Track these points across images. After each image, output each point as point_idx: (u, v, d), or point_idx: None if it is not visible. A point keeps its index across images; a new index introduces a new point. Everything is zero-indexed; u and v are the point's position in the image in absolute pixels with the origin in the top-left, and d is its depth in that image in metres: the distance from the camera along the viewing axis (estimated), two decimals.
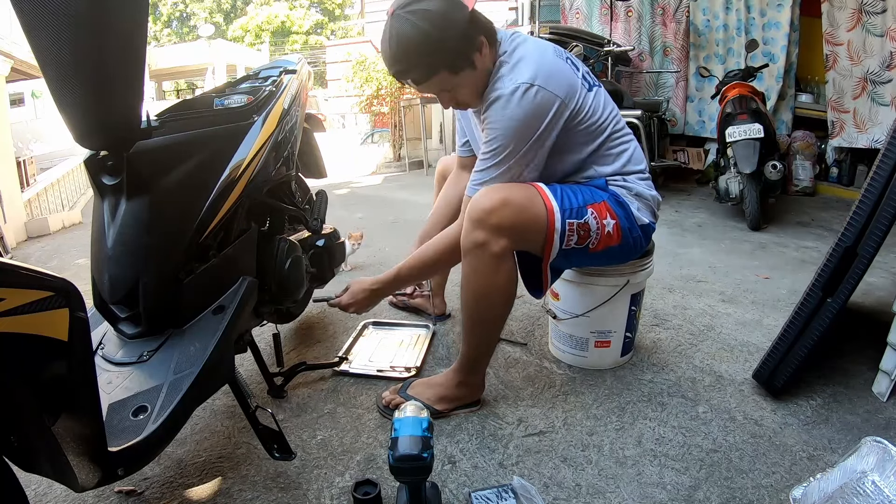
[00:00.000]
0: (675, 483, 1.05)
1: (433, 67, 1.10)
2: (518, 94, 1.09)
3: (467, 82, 1.14)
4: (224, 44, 16.92)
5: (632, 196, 1.24)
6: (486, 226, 1.10)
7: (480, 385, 1.31)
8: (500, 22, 9.40)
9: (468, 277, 1.17)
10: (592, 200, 1.19)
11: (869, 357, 1.44)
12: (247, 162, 1.18)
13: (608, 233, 1.19)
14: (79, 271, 2.52)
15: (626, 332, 1.46)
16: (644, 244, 1.30)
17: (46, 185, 4.53)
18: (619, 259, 1.31)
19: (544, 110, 1.11)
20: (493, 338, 1.26)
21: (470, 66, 1.11)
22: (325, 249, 1.66)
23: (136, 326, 1.04)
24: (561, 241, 1.15)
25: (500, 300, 1.18)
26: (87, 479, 0.75)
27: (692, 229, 3.05)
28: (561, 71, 1.15)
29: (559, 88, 1.12)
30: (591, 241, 1.18)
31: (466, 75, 1.12)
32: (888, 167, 1.15)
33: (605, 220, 1.18)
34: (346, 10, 30.09)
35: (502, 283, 1.16)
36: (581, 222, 1.16)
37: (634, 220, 1.23)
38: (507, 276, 1.16)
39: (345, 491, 1.04)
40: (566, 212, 1.15)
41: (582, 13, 4.75)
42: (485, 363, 1.29)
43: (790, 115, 4.10)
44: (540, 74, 1.11)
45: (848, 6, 3.53)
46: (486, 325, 1.22)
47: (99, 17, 0.82)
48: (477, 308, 1.20)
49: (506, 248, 1.12)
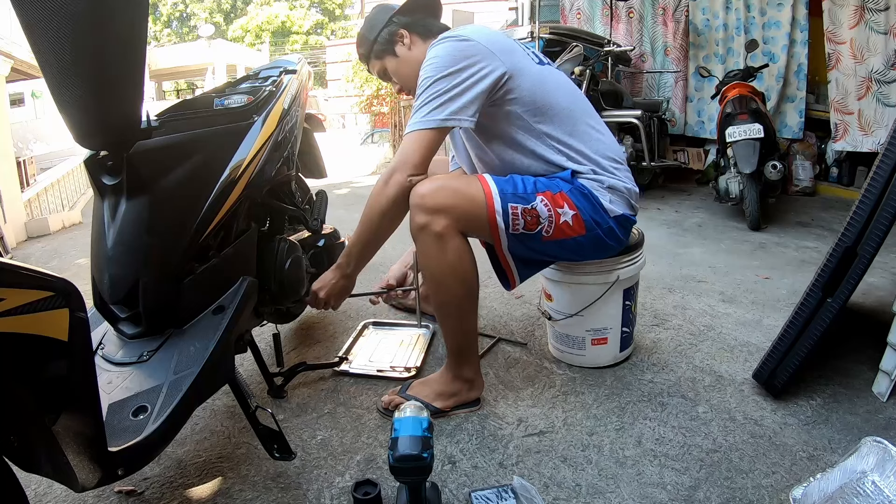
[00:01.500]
0: (675, 483, 1.05)
1: (366, 56, 1.41)
2: (448, 42, 1.20)
3: (395, 68, 1.37)
4: (224, 44, 16.93)
5: (604, 189, 1.24)
6: (425, 208, 1.15)
7: (476, 380, 1.30)
8: (499, 22, 9.43)
9: (423, 264, 1.22)
10: (546, 189, 1.21)
11: (869, 357, 1.44)
12: (247, 162, 1.18)
13: (565, 222, 1.20)
14: (79, 271, 2.52)
15: (623, 328, 1.46)
16: (622, 236, 1.29)
17: (46, 185, 4.53)
18: (595, 252, 1.30)
19: (470, 51, 1.17)
20: (467, 324, 1.25)
21: (391, 54, 1.36)
22: (325, 249, 1.66)
23: (136, 326, 1.04)
24: (506, 225, 1.18)
25: (454, 280, 1.19)
26: (87, 479, 0.75)
27: (692, 229, 3.05)
28: (499, 38, 1.23)
29: (491, 44, 1.19)
30: (542, 228, 1.20)
31: (391, 62, 1.37)
32: (888, 167, 1.15)
33: (559, 209, 1.20)
34: (346, 10, 30.09)
35: (452, 261, 1.17)
36: (527, 207, 1.18)
37: (605, 212, 1.23)
38: (456, 254, 1.17)
39: (345, 491, 1.04)
40: (508, 195, 1.18)
41: (584, 14, 4.75)
42: (471, 354, 1.28)
43: (800, 119, 3.96)
44: (472, 32, 1.21)
45: (850, 3, 3.49)
46: (451, 309, 1.23)
47: (99, 17, 0.82)
48: (437, 293, 1.23)
49: (447, 226, 1.15)
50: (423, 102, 1.17)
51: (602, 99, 3.65)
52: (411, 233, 1.19)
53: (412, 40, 1.34)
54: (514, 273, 1.28)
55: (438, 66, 1.17)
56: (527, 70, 1.22)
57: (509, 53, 1.21)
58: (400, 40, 1.35)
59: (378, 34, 1.36)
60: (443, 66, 1.16)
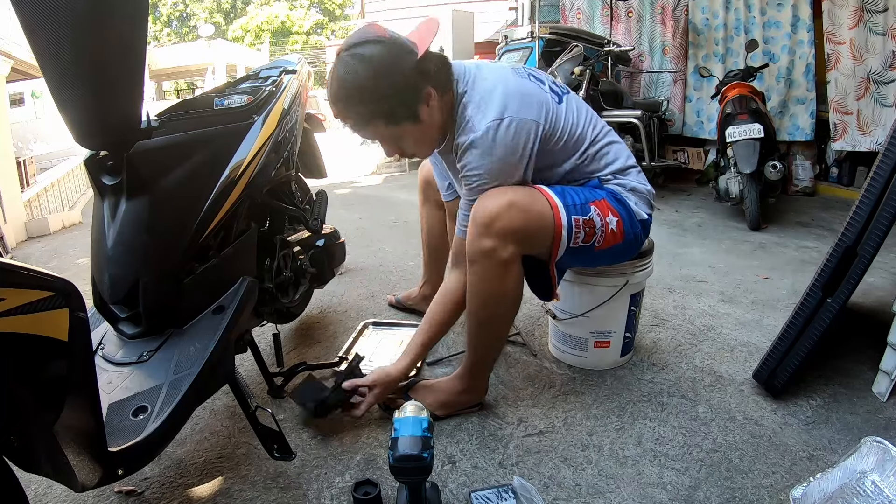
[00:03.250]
0: (675, 483, 1.05)
1: (366, 117, 1.07)
2: (492, 133, 1.06)
3: (410, 134, 1.11)
4: (224, 44, 16.91)
5: (627, 192, 1.24)
6: (493, 231, 1.06)
7: (483, 389, 1.30)
8: (499, 22, 9.41)
9: (475, 286, 1.13)
10: (594, 198, 1.18)
11: (869, 357, 1.44)
12: (247, 162, 1.18)
13: (612, 230, 1.18)
14: (79, 271, 2.52)
15: (626, 333, 1.46)
16: (643, 239, 1.30)
17: (46, 185, 4.52)
18: (621, 257, 1.31)
19: (521, 140, 1.08)
20: (500, 343, 1.26)
21: (411, 119, 1.07)
22: (325, 249, 1.66)
23: (136, 326, 1.05)
24: (569, 239, 1.12)
25: (508, 305, 1.17)
26: (87, 479, 0.75)
27: (692, 229, 3.05)
28: (529, 93, 1.12)
29: (532, 112, 1.10)
30: (596, 239, 1.16)
31: (408, 128, 1.09)
32: (888, 167, 1.15)
33: (608, 218, 1.17)
34: (346, 10, 30.07)
35: (510, 289, 1.13)
36: (586, 219, 1.13)
37: (634, 216, 1.23)
38: (515, 281, 1.13)
39: (345, 491, 1.04)
40: (570, 208, 1.12)
41: (584, 14, 4.75)
42: (489, 368, 1.28)
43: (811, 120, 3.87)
44: (510, 105, 1.07)
45: (849, 4, 3.50)
46: (492, 330, 1.21)
47: (99, 17, 0.82)
48: (484, 314, 1.17)
49: (514, 253, 1.09)
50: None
51: (602, 99, 3.65)
52: (468, 253, 1.10)
53: (435, 98, 1.09)
54: (557, 283, 1.21)
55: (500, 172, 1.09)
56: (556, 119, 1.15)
57: (546, 112, 1.13)
58: (427, 101, 1.08)
59: (398, 91, 1.04)
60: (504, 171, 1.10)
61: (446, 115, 1.13)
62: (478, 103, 1.09)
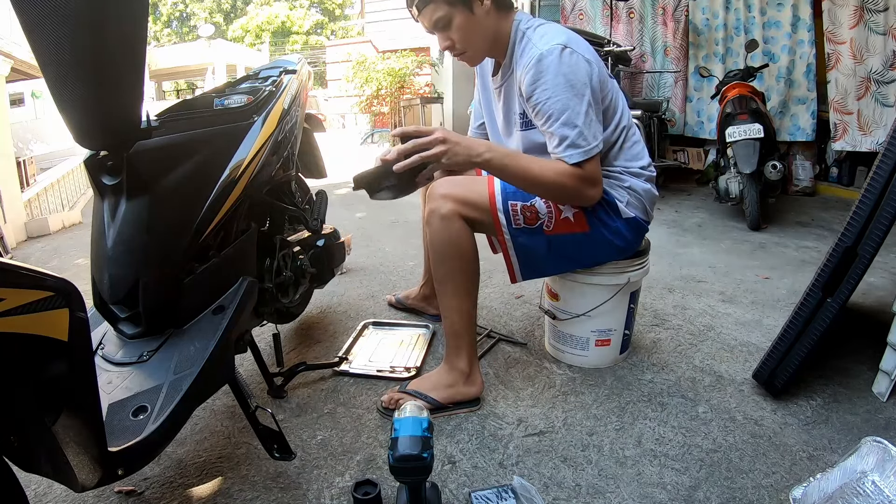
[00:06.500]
0: (675, 483, 1.05)
1: None
2: (557, 52, 1.15)
3: (463, 24, 1.20)
4: (224, 44, 16.90)
5: (622, 188, 1.29)
6: (436, 196, 1.25)
7: (473, 375, 1.30)
8: None
9: (431, 244, 1.27)
10: None
11: (869, 357, 1.44)
12: (247, 162, 1.18)
13: (565, 217, 1.27)
14: (79, 271, 2.52)
15: (625, 330, 1.47)
16: (633, 238, 1.32)
17: (46, 185, 4.52)
18: (601, 251, 1.32)
19: (583, 70, 1.17)
20: (465, 304, 1.28)
21: (466, 7, 1.19)
22: (324, 249, 1.66)
23: (136, 326, 1.04)
24: (507, 220, 1.26)
25: (454, 252, 1.24)
26: (87, 479, 0.75)
27: (692, 229, 3.05)
28: (586, 44, 1.23)
29: (590, 54, 1.21)
30: (542, 223, 1.27)
31: (461, 15, 1.19)
32: (888, 167, 1.14)
33: (561, 206, 1.27)
34: (346, 10, 30.09)
35: (454, 238, 1.24)
36: (526, 204, 1.27)
37: (615, 212, 1.28)
38: (457, 233, 1.24)
39: (345, 491, 1.04)
40: (509, 194, 1.26)
41: (586, 14, 4.75)
42: (467, 342, 1.29)
43: (813, 120, 3.87)
44: (571, 40, 1.19)
45: (849, 3, 3.50)
46: (449, 286, 1.27)
47: (99, 17, 0.82)
48: (442, 270, 1.27)
49: (452, 209, 1.23)
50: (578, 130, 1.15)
51: None
52: (424, 219, 1.30)
53: (491, 6, 1.21)
54: (516, 267, 1.33)
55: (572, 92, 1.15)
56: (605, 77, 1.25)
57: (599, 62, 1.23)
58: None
59: None
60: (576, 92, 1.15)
61: (499, 33, 1.25)
62: (541, 34, 1.21)
